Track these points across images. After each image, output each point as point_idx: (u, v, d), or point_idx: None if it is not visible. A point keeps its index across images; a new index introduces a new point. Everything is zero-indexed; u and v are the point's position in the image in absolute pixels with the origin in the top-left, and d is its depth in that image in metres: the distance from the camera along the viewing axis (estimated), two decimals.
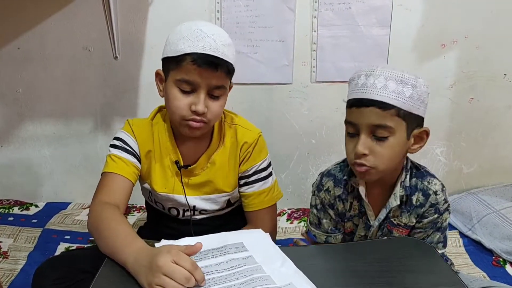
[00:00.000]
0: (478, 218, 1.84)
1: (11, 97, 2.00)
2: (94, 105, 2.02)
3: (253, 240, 0.95)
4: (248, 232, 1.01)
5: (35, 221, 1.91)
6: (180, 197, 1.20)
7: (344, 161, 1.15)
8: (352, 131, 1.00)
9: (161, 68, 1.13)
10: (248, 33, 1.89)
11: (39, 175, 2.11)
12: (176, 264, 0.76)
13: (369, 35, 1.91)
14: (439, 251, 1.11)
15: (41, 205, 2.06)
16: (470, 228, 1.84)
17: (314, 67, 1.95)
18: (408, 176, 1.06)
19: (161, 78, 1.12)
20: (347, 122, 1.01)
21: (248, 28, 1.89)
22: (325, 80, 1.98)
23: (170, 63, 1.06)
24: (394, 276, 0.85)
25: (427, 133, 1.01)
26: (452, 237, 1.83)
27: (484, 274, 1.58)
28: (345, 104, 1.97)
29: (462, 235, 1.85)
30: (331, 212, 1.14)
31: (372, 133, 0.97)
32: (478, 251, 1.74)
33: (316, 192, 1.16)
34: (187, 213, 1.25)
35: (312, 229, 1.19)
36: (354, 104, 0.98)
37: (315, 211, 1.18)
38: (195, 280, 0.76)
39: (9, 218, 1.91)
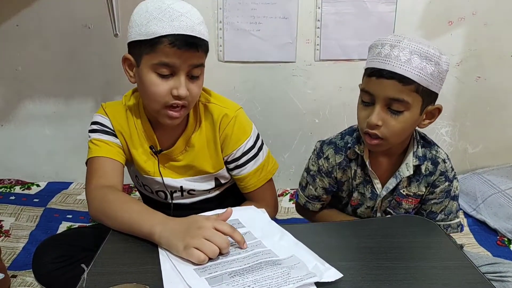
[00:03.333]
0: (483, 198, 1.82)
1: (10, 75, 1.97)
2: (94, 84, 2.00)
3: (249, 216, 0.94)
4: (242, 209, 1.00)
5: (36, 200, 1.90)
6: (164, 180, 1.17)
7: (346, 130, 1.15)
8: (367, 100, 0.99)
9: (127, 52, 1.03)
10: (250, 10, 1.85)
11: (40, 154, 2.10)
12: (216, 229, 0.79)
13: (375, 11, 1.87)
14: (458, 220, 1.12)
15: (43, 184, 2.06)
16: (474, 208, 1.83)
17: (318, 45, 1.92)
18: (419, 147, 1.07)
19: (131, 63, 1.03)
20: (363, 91, 1.00)
21: (251, 4, 1.85)
22: (329, 58, 1.95)
23: (143, 46, 0.97)
24: (401, 253, 0.84)
25: (439, 110, 1.01)
26: None
27: (489, 253, 1.58)
28: (349, 83, 1.96)
29: (466, 215, 1.84)
30: (326, 180, 1.14)
31: (387, 106, 0.96)
32: (483, 231, 1.74)
33: (315, 158, 1.15)
34: (176, 195, 1.22)
35: (298, 189, 1.22)
36: (374, 73, 0.96)
37: (305, 174, 1.19)
38: (236, 241, 0.80)
39: (11, 197, 1.91)
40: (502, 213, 1.73)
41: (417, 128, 1.07)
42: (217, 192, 1.25)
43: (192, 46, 0.96)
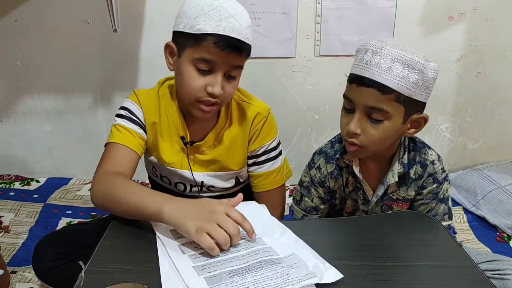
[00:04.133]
0: (483, 194, 1.82)
1: (9, 71, 1.96)
2: (93, 80, 1.99)
3: (250, 213, 0.92)
4: (243, 205, 0.99)
5: (36, 196, 1.90)
6: (187, 173, 1.17)
7: (335, 137, 1.13)
8: (349, 107, 0.97)
9: (170, 40, 1.04)
10: (250, 5, 1.84)
11: (40, 150, 2.09)
12: (227, 215, 0.79)
13: (375, 7, 1.86)
14: (446, 223, 1.10)
15: (42, 180, 2.05)
16: (474, 204, 1.83)
17: (318, 40, 1.91)
18: (406, 153, 1.04)
19: (172, 51, 1.03)
20: (344, 97, 0.97)
21: None
22: (329, 54, 1.93)
23: (187, 39, 0.98)
24: (402, 251, 0.84)
25: (425, 120, 0.98)
26: (456, 213, 1.82)
27: (488, 249, 1.58)
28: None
29: (466, 211, 1.84)
30: (320, 190, 1.12)
31: (367, 114, 0.93)
32: (482, 227, 1.74)
33: (307, 170, 1.14)
34: (194, 189, 1.22)
35: (293, 204, 1.19)
36: (355, 80, 0.93)
37: (299, 188, 1.17)
38: (245, 230, 0.81)
39: (10, 193, 1.91)
40: (502, 209, 1.73)
41: None
42: (233, 190, 1.26)
43: (235, 49, 0.96)
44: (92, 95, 2.01)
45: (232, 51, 0.96)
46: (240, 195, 0.87)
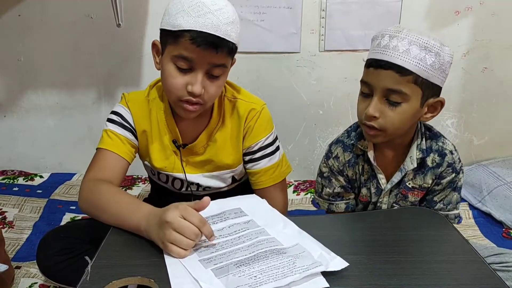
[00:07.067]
0: (489, 190, 1.81)
1: (12, 65, 1.95)
2: (97, 75, 1.98)
3: (251, 205, 0.94)
4: (244, 198, 0.99)
5: (40, 191, 1.90)
6: (181, 175, 1.16)
7: (351, 126, 1.14)
8: (366, 91, 0.98)
9: (158, 39, 1.04)
10: (254, 0, 1.83)
11: (43, 145, 2.09)
12: (185, 219, 0.76)
13: (381, 1, 1.84)
14: (456, 211, 1.11)
15: (46, 175, 2.05)
16: (480, 200, 1.82)
17: (322, 35, 1.89)
18: (423, 140, 1.06)
19: (158, 49, 1.03)
20: (362, 82, 0.99)
21: None
22: (334, 49, 1.92)
23: (168, 36, 0.97)
24: (409, 246, 0.84)
25: (442, 103, 1.00)
26: (462, 209, 1.81)
27: (494, 246, 1.57)
28: (354, 74, 1.93)
29: (472, 207, 1.83)
30: (340, 178, 1.12)
31: (385, 97, 0.95)
32: (488, 223, 1.73)
33: (325, 160, 1.15)
34: (191, 187, 1.21)
35: (316, 197, 1.20)
36: (372, 64, 0.96)
37: (319, 179, 1.17)
38: (204, 235, 0.77)
39: (14, 189, 1.91)
40: (508, 205, 1.72)
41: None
42: (229, 188, 1.25)
43: (212, 46, 0.94)
44: (96, 91, 2.00)
45: (208, 48, 0.93)
46: (207, 199, 0.81)
